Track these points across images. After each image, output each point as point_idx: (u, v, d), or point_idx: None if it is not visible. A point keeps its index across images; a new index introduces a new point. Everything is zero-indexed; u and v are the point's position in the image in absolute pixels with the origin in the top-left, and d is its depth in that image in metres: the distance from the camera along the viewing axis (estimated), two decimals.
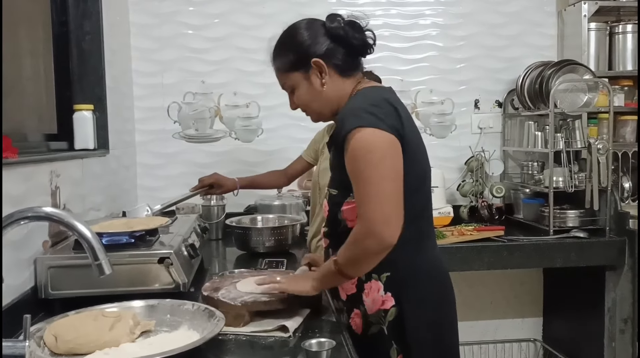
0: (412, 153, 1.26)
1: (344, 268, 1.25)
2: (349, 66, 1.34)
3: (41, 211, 0.96)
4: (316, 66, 1.31)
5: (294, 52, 1.33)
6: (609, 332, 2.50)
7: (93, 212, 1.99)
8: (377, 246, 1.18)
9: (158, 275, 1.45)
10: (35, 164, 1.50)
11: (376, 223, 1.16)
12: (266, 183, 2.32)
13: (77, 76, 2.16)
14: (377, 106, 1.23)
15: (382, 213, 1.16)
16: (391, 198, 1.17)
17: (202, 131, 2.81)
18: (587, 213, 2.54)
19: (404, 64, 2.88)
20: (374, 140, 1.18)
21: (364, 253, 1.21)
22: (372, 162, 1.17)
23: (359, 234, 1.20)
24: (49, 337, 1.13)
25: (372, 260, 1.22)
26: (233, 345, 1.21)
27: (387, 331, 1.29)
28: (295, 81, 1.35)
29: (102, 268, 0.94)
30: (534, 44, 2.93)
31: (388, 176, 1.18)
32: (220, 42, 2.78)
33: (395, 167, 1.20)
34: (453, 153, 2.93)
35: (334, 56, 1.32)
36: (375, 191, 1.17)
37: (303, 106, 1.38)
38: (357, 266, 1.25)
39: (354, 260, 1.23)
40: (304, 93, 1.35)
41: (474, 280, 2.91)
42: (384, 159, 1.18)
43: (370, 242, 1.17)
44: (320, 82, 1.32)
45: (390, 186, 1.18)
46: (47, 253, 1.49)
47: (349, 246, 1.23)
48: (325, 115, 1.38)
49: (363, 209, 1.18)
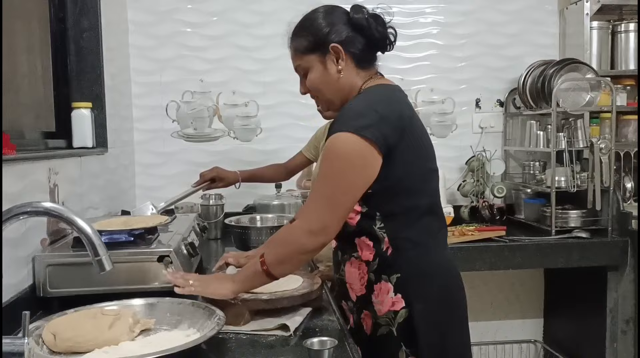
0: (419, 150, 1.26)
1: (272, 267, 1.25)
2: (366, 56, 1.34)
3: (40, 206, 0.94)
4: (334, 51, 1.30)
5: (313, 34, 1.32)
6: (611, 333, 2.49)
7: (91, 210, 1.97)
8: (313, 246, 1.22)
9: (157, 274, 1.43)
10: (33, 162, 1.48)
11: (322, 226, 1.20)
12: (267, 176, 2.30)
13: (75, 74, 2.14)
14: (374, 109, 1.22)
15: (330, 219, 1.21)
16: (342, 209, 1.22)
17: (201, 130, 2.79)
18: (589, 213, 2.52)
19: (404, 62, 2.87)
20: (347, 148, 1.19)
21: (298, 250, 1.23)
22: (334, 169, 1.21)
23: (299, 231, 1.23)
24: (47, 335, 1.11)
25: (302, 260, 1.28)
26: (233, 344, 1.19)
27: (397, 332, 1.27)
28: (310, 63, 1.34)
29: (103, 264, 0.92)
30: (536, 43, 2.92)
31: (346, 187, 1.21)
32: (219, 40, 2.77)
33: (356, 180, 1.21)
34: (454, 152, 2.92)
35: (353, 45, 1.31)
36: (330, 196, 1.21)
37: (314, 90, 1.37)
38: (285, 266, 1.26)
39: (283, 258, 1.25)
40: (317, 77, 1.34)
41: (474, 281, 2.89)
42: (349, 169, 1.20)
43: (309, 241, 1.22)
44: (337, 68, 1.32)
45: (345, 198, 1.21)
46: (46, 251, 1.47)
47: (282, 243, 1.27)
48: (335, 104, 1.36)
49: (313, 209, 1.23)
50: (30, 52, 1.94)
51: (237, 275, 1.34)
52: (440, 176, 2.62)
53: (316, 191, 1.25)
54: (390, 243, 1.26)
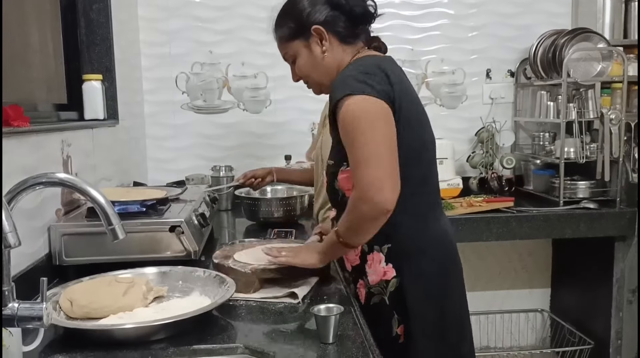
0: (407, 120, 1.25)
1: (345, 238, 1.25)
2: (349, 33, 1.33)
3: (55, 176, 0.96)
4: (316, 33, 1.31)
5: (294, 20, 1.33)
6: (617, 303, 2.51)
7: (104, 182, 2.01)
8: (372, 211, 1.17)
9: (169, 243, 1.47)
10: (46, 134, 1.51)
11: (369, 187, 1.16)
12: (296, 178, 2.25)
13: (85, 46, 2.15)
14: (368, 73, 1.22)
15: (374, 177, 1.15)
16: (383, 162, 1.16)
17: (211, 102, 2.80)
18: (598, 184, 2.52)
19: (414, 32, 2.84)
20: (364, 107, 1.18)
21: (361, 219, 1.21)
22: (362, 128, 1.17)
23: (354, 200, 1.20)
24: (64, 301, 1.16)
25: (370, 226, 1.22)
26: (243, 311, 1.23)
27: (389, 301, 1.30)
28: (296, 49, 1.35)
29: (116, 233, 0.95)
30: (548, 11, 2.86)
31: (379, 141, 1.17)
32: (227, 11, 2.75)
33: (386, 132, 1.19)
34: (463, 124, 2.91)
35: (335, 24, 1.31)
36: (366, 156, 1.16)
37: (304, 76, 1.38)
38: (357, 234, 1.25)
39: (353, 227, 1.24)
40: (305, 62, 1.35)
41: (482, 251, 2.92)
42: (374, 124, 1.18)
43: (365, 208, 1.18)
44: (321, 49, 1.32)
45: (382, 151, 1.17)
46: (61, 221, 1.51)
47: (347, 215, 1.24)
48: (325, 85, 1.37)
49: (356, 176, 1.19)
50: (41, 25, 1.95)
51: (321, 245, 1.37)
52: (449, 147, 2.67)
53: (353, 158, 1.20)
54: None
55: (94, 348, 1.03)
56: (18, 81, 1.75)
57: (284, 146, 2.77)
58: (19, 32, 1.75)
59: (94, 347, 1.03)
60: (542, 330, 3.03)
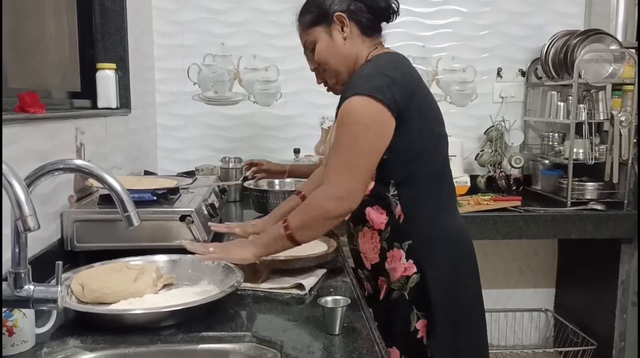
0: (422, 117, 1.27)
1: (295, 232, 1.26)
2: (370, 25, 1.35)
3: (72, 163, 0.99)
4: (338, 20, 1.33)
5: (318, 7, 1.35)
6: (621, 304, 2.51)
7: (116, 170, 2.03)
8: (337, 211, 1.23)
9: (179, 232, 1.49)
10: (61, 121, 1.53)
11: (343, 191, 1.21)
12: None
13: (100, 35, 2.17)
14: (384, 73, 1.24)
15: (351, 187, 1.22)
16: (362, 174, 1.23)
17: (222, 94, 2.82)
18: (606, 186, 2.52)
19: (426, 29, 2.84)
20: (362, 111, 1.21)
21: (323, 218, 1.24)
22: (355, 132, 1.21)
23: (322, 199, 1.24)
24: (76, 286, 1.18)
25: (327, 226, 1.28)
26: (251, 300, 1.25)
27: (408, 296, 1.30)
28: (317, 35, 1.36)
29: (131, 220, 0.96)
30: (561, 11, 2.85)
31: (366, 150, 1.22)
32: (239, 3, 2.76)
33: (376, 142, 1.23)
34: (473, 122, 2.91)
35: (357, 14, 1.33)
36: (350, 162, 1.22)
37: (322, 62, 1.38)
38: (309, 231, 1.27)
39: (308, 224, 1.26)
40: (324, 47, 1.36)
41: (488, 249, 2.92)
42: (368, 131, 1.21)
43: (332, 206, 1.22)
44: (342, 36, 1.34)
45: (364, 162, 1.22)
46: (73, 208, 1.53)
47: (308, 211, 1.27)
48: (342, 75, 1.38)
49: (332, 177, 1.23)
50: (57, 13, 1.97)
51: (259, 238, 1.35)
52: (458, 145, 2.68)
53: (336, 157, 1.25)
54: (402, 209, 1.29)
55: (104, 332, 1.05)
56: (33, 68, 1.77)
57: (294, 139, 2.78)
58: (36, 19, 1.77)
59: (104, 331, 1.05)
60: (546, 330, 3.04)
